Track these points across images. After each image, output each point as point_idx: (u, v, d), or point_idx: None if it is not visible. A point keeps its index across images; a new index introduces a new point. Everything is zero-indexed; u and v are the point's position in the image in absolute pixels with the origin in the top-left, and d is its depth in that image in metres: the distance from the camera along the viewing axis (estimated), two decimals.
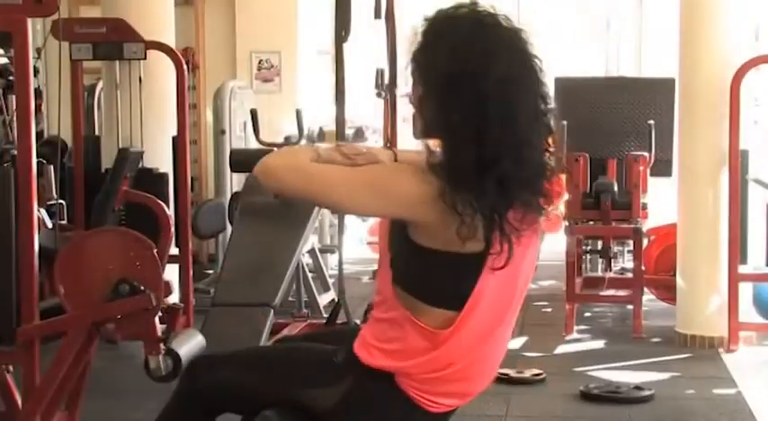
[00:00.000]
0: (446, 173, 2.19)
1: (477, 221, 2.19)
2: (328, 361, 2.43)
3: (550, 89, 2.32)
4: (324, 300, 6.75)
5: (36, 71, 8.02)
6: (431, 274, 2.30)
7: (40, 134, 7.13)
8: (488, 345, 2.40)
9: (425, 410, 2.38)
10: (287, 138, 7.60)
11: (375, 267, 8.58)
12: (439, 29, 2.29)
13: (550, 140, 2.30)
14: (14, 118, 4.20)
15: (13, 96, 6.93)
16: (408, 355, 2.34)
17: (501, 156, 2.18)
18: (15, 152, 3.79)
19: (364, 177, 2.27)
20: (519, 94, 2.22)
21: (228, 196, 7.62)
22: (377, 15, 7.71)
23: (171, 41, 6.48)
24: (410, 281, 2.32)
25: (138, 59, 6.20)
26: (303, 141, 6.71)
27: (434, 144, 2.29)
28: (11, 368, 3.69)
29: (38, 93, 8.32)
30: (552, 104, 2.29)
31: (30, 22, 3.57)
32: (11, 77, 8.93)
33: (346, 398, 2.38)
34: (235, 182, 7.92)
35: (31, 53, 3.64)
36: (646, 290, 6.92)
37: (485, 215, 2.19)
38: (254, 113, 6.59)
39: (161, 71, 6.34)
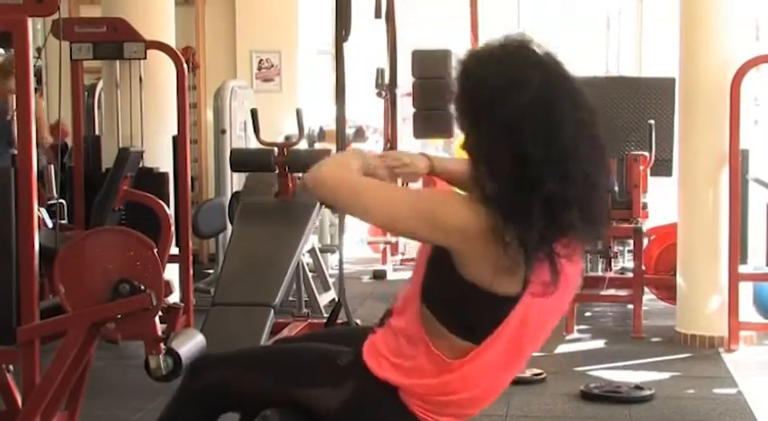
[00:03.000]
0: (494, 201, 2.15)
1: (520, 252, 2.14)
2: (332, 362, 2.42)
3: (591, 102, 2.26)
4: (324, 299, 6.75)
5: (38, 71, 8.01)
6: (459, 303, 2.28)
7: None
8: (499, 378, 2.39)
9: None
10: (287, 138, 7.59)
11: (375, 267, 8.62)
12: (473, 60, 2.27)
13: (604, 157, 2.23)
14: (14, 117, 4.20)
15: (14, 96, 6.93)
16: (417, 375, 2.33)
17: (545, 176, 2.13)
18: (15, 152, 3.79)
19: (413, 201, 2.25)
20: (556, 109, 2.17)
21: (229, 196, 7.62)
22: (377, 15, 7.74)
23: (171, 41, 6.48)
24: (438, 303, 2.31)
25: (139, 59, 6.20)
26: (303, 141, 6.70)
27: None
28: (11, 367, 3.68)
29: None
30: (596, 118, 2.25)
31: (30, 21, 3.56)
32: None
33: (347, 402, 2.38)
34: (235, 181, 7.92)
35: (32, 53, 3.63)
36: (646, 289, 6.92)
37: (532, 245, 2.13)
38: (254, 113, 6.58)
39: (161, 71, 6.34)
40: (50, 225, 5.85)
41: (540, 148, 2.12)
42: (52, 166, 6.45)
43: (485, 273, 2.21)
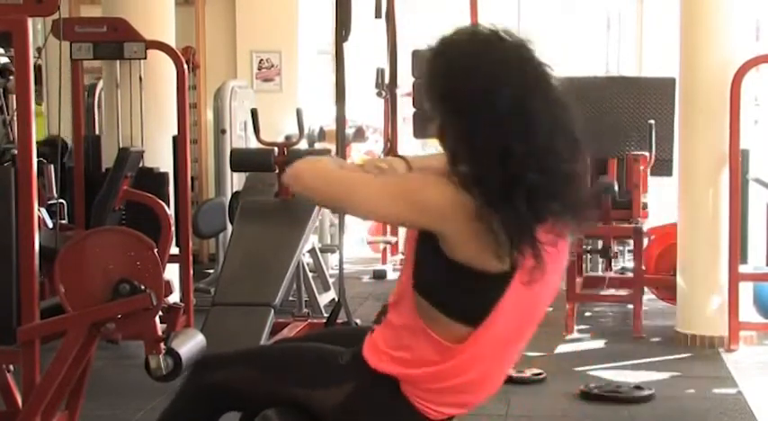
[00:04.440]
0: (478, 192, 2.18)
1: (506, 239, 2.18)
2: (333, 361, 2.43)
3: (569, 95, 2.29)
4: (324, 299, 6.75)
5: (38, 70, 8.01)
6: (453, 287, 2.28)
7: None
8: (499, 362, 2.40)
9: (426, 417, 2.39)
10: (287, 138, 7.60)
11: (375, 267, 8.63)
12: (444, 54, 2.26)
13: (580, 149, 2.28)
14: (15, 117, 4.20)
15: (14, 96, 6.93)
16: (417, 365, 2.34)
17: (527, 170, 2.17)
18: (16, 151, 3.79)
19: (393, 185, 2.28)
20: (536, 104, 2.19)
21: (229, 196, 7.62)
22: (377, 15, 7.73)
23: (171, 41, 6.48)
24: (432, 290, 2.31)
25: (139, 59, 6.20)
26: (303, 141, 6.70)
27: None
28: (11, 367, 3.69)
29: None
30: (572, 111, 2.28)
31: (30, 21, 3.56)
32: (11, 77, 8.94)
33: (348, 400, 2.38)
34: (235, 181, 7.92)
35: (32, 53, 3.63)
36: (646, 289, 6.92)
37: (516, 232, 2.17)
38: (254, 113, 6.58)
39: (161, 71, 6.34)
40: (51, 225, 5.85)
41: (523, 143, 2.17)
42: (52, 166, 6.45)
43: (473, 251, 2.22)
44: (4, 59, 9.74)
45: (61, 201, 6.43)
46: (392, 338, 2.37)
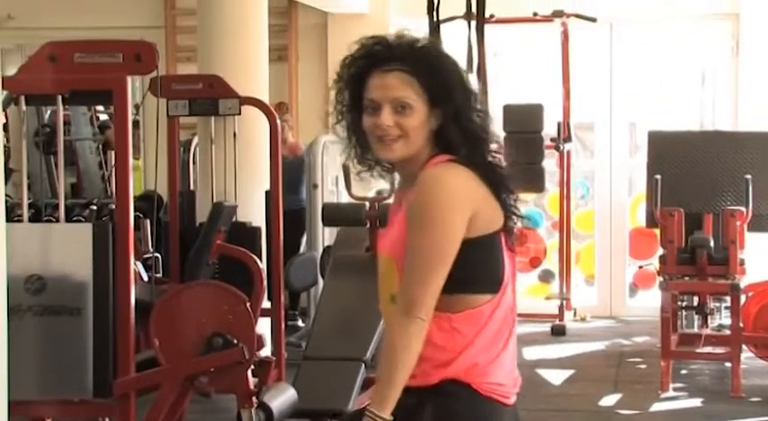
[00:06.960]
0: (480, 164, 2.46)
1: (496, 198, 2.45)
2: (400, 405, 2.38)
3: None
4: None
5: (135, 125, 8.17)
6: (475, 261, 2.39)
7: None
8: (509, 331, 2.47)
9: (502, 404, 2.42)
10: (379, 193, 7.62)
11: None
12: (454, 62, 2.56)
13: None
14: (113, 173, 4.28)
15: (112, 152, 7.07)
16: (461, 347, 2.38)
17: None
18: (113, 206, 3.86)
19: (426, 238, 2.37)
20: None
21: (320, 250, 7.65)
22: (469, 70, 7.76)
23: (265, 97, 6.56)
24: (455, 280, 2.37)
25: (233, 115, 6.28)
26: (394, 196, 6.71)
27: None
28: (107, 420, 3.73)
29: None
30: None
31: (129, 79, 3.65)
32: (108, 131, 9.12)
33: None
34: (327, 236, 7.95)
35: (130, 109, 3.71)
36: (744, 347, 6.76)
37: (505, 191, 2.48)
38: (345, 168, 6.61)
39: (255, 126, 6.42)
40: (146, 278, 5.92)
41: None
42: (148, 221, 6.54)
43: (487, 218, 2.41)
44: (104, 116, 9.97)
45: (156, 254, 6.51)
46: (427, 351, 2.37)
